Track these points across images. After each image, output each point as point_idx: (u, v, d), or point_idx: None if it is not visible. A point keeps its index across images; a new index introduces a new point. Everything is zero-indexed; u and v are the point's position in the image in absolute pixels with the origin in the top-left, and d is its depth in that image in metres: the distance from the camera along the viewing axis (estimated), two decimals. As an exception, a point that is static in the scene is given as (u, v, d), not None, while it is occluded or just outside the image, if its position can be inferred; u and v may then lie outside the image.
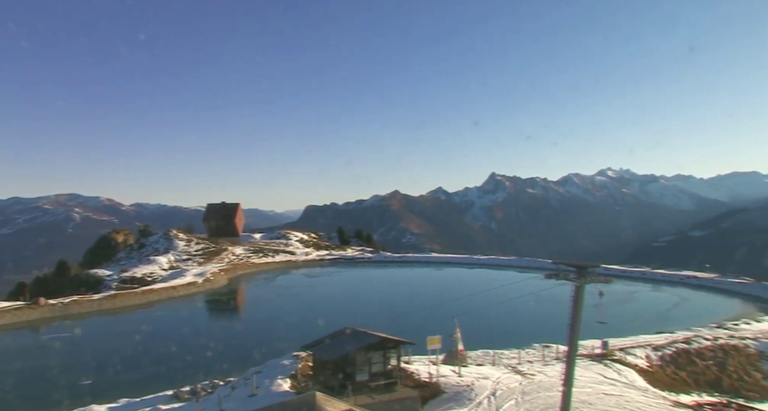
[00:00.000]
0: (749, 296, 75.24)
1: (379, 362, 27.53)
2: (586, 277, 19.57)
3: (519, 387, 30.27)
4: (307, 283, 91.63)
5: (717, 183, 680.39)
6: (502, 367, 35.81)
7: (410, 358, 33.99)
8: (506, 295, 47.12)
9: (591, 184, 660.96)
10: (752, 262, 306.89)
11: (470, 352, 38.56)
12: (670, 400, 32.30)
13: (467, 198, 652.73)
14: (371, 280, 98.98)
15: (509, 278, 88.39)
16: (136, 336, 49.89)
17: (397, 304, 65.39)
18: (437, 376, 30.56)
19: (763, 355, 42.90)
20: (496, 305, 40.36)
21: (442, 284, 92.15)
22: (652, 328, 50.52)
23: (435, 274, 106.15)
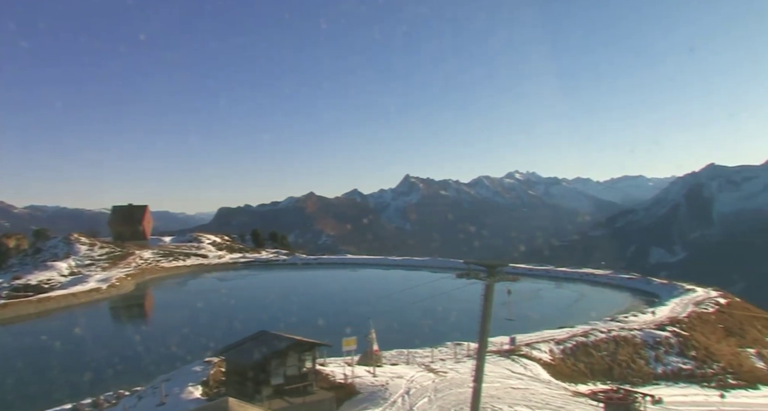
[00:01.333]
0: (637, 290, 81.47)
1: (294, 365, 27.35)
2: (495, 276, 20.31)
3: (432, 385, 31.08)
4: (220, 286, 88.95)
5: (611, 186, 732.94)
6: (416, 365, 36.59)
7: (326, 359, 33.97)
8: (420, 295, 48.28)
9: (500, 186, 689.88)
10: (640, 258, 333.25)
11: (385, 352, 39.09)
12: (571, 391, 34.44)
13: (382, 200, 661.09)
14: (286, 282, 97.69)
15: (423, 278, 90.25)
16: (30, 348, 46.26)
17: (313, 307, 65.09)
18: (352, 376, 30.76)
19: (646, 343, 46.72)
20: (411, 305, 41.26)
21: (358, 286, 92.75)
22: (556, 323, 53.31)
23: (351, 276, 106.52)
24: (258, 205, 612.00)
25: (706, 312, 58.24)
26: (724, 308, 61.21)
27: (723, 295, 69.25)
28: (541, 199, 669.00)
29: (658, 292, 76.67)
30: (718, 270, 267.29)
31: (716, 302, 63.47)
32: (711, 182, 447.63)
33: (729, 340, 52.06)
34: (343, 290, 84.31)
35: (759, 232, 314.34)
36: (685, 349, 47.05)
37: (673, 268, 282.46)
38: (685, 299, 65.14)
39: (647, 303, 68.36)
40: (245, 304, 72.82)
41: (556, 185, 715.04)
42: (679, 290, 73.16)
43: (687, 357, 46.03)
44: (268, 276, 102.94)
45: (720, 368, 44.88)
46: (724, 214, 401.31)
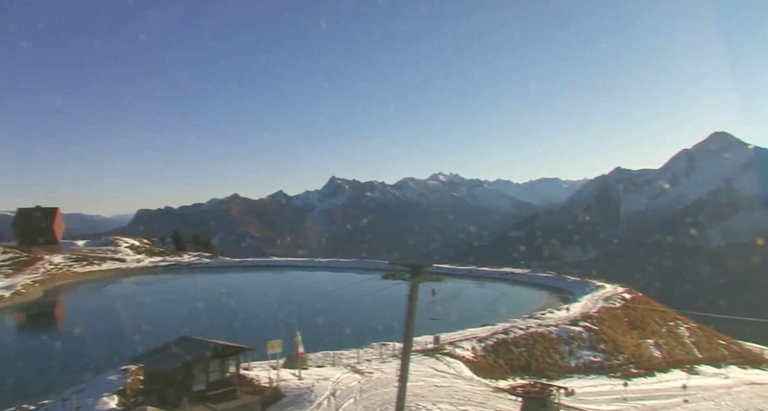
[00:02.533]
0: (553, 288, 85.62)
1: (217, 370, 26.80)
2: (420, 276, 20.83)
3: (358, 385, 31.35)
4: (139, 291, 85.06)
5: (529, 187, 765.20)
6: (341, 367, 36.73)
7: (250, 364, 33.42)
8: (347, 297, 48.42)
9: (425, 188, 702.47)
10: (556, 257, 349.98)
11: (311, 354, 38.96)
12: (492, 387, 35.78)
13: (308, 201, 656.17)
14: (210, 286, 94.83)
15: (349, 280, 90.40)
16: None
17: (238, 310, 63.53)
18: (278, 380, 30.47)
19: (561, 338, 49.33)
20: (337, 307, 41.32)
21: (284, 288, 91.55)
22: (478, 321, 55.02)
23: (276, 278, 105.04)
24: (179, 207, 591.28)
25: (613, 307, 62.13)
26: (629, 303, 65.59)
27: (628, 290, 74.08)
28: (464, 200, 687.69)
29: (572, 289, 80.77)
30: (624, 267, 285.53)
31: (622, 297, 67.84)
32: (618, 185, 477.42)
33: (632, 332, 55.85)
34: (268, 293, 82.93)
35: (658, 231, 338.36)
36: (596, 342, 50.02)
37: (586, 266, 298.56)
38: (595, 295, 69.10)
39: (562, 300, 71.78)
40: (166, 309, 70.03)
41: (478, 187, 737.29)
42: (591, 287, 77.42)
43: (597, 350, 48.96)
44: (191, 280, 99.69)
45: (624, 359, 48.15)
46: (630, 214, 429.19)
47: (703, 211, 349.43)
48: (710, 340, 61.19)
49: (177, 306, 72.82)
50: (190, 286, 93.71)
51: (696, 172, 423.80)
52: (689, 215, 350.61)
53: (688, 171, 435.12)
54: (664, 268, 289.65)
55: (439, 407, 28.80)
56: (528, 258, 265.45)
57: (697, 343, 58.57)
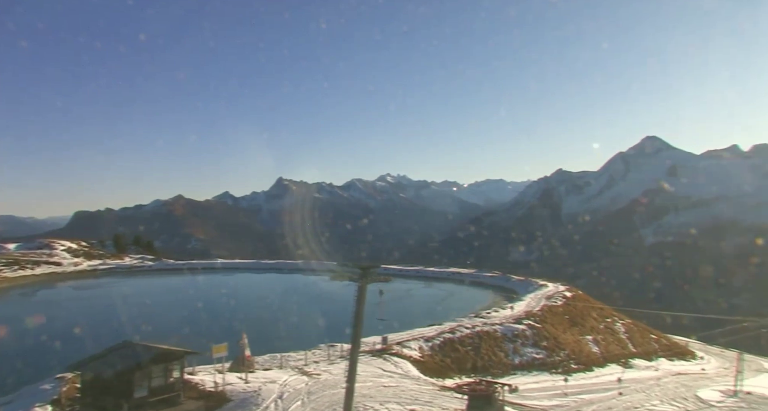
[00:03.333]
0: (498, 287, 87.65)
1: (160, 376, 26.14)
2: (368, 277, 21.00)
3: (305, 387, 31.21)
4: (77, 296, 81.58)
5: (475, 189, 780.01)
6: (289, 369, 36.45)
7: (195, 368, 32.70)
8: (294, 298, 48.02)
9: (373, 189, 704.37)
10: (501, 256, 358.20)
11: (258, 357, 38.48)
12: (438, 385, 36.35)
13: (255, 202, 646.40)
14: (153, 289, 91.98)
15: (297, 281, 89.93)
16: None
17: (182, 314, 61.92)
18: (223, 384, 29.96)
19: (506, 337, 50.67)
20: (285, 308, 40.95)
21: (230, 290, 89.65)
22: (425, 321, 55.66)
23: (223, 281, 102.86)
24: (120, 209, 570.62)
25: (555, 305, 64.25)
26: (569, 301, 67.99)
27: (569, 289, 76.79)
28: (412, 201, 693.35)
29: (516, 288, 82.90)
30: (566, 265, 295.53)
31: (564, 296, 70.25)
32: (560, 186, 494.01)
33: (573, 329, 57.95)
34: (214, 295, 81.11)
35: (597, 231, 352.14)
36: (538, 340, 51.61)
37: (529, 265, 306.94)
38: (538, 294, 71.22)
39: (507, 299, 73.54)
40: (106, 314, 67.21)
41: (426, 188, 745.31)
42: (534, 286, 79.73)
43: (540, 347, 50.53)
44: (132, 283, 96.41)
45: (565, 355, 49.94)
46: (570, 214, 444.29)
47: (638, 211, 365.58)
48: (643, 335, 64.28)
49: (117, 310, 70.11)
50: (132, 289, 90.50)
51: (631, 174, 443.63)
52: (625, 215, 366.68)
53: (624, 173, 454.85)
54: (603, 265, 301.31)
55: (387, 407, 29.05)
56: (474, 258, 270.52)
57: (631, 338, 61.40)
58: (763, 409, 34.57)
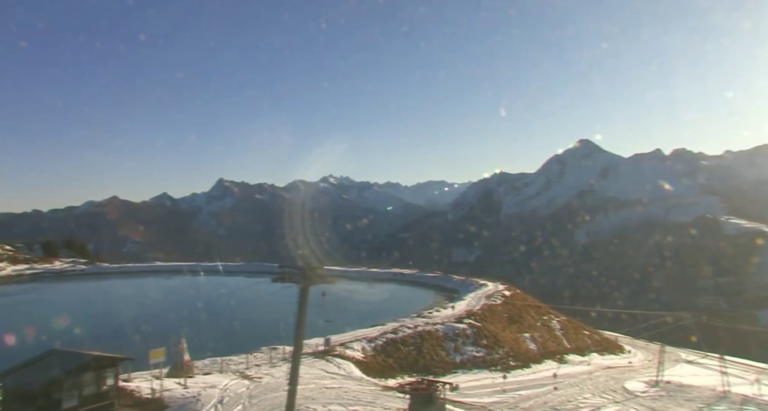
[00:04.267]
0: (440, 287, 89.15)
1: (92, 384, 25.14)
2: (310, 278, 20.93)
3: (247, 391, 30.80)
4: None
5: (417, 190, 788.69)
6: (230, 373, 35.84)
7: (130, 375, 31.61)
8: (235, 301, 47.15)
9: (315, 190, 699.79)
10: (443, 257, 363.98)
11: (197, 362, 37.60)
12: (381, 386, 36.68)
13: (195, 204, 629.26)
14: (86, 294, 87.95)
15: (238, 284, 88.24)
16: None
17: (117, 319, 59.47)
18: (161, 390, 29.11)
19: (447, 336, 51.71)
20: (226, 311, 40.17)
21: (169, 294, 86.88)
22: (368, 322, 55.91)
23: (160, 284, 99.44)
24: (50, 211, 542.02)
25: (495, 304, 66.03)
26: (508, 300, 70.06)
27: (508, 288, 79.07)
28: (355, 202, 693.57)
29: (457, 287, 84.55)
30: (505, 265, 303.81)
31: (503, 295, 72.29)
32: (499, 187, 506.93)
33: (511, 327, 59.78)
34: (151, 299, 78.36)
35: (535, 231, 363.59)
36: (479, 338, 52.91)
37: (471, 265, 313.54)
38: (479, 293, 72.95)
39: (448, 298, 74.90)
40: (33, 321, 63.61)
41: (369, 189, 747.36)
42: (475, 285, 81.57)
43: (480, 345, 51.82)
44: (63, 288, 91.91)
45: (504, 353, 51.47)
46: (510, 215, 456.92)
47: (572, 212, 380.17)
48: (577, 331, 67.08)
49: (45, 317, 66.52)
50: (62, 295, 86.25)
51: (566, 176, 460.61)
52: (561, 216, 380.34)
53: (560, 175, 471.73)
54: (541, 265, 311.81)
55: (329, 409, 29.08)
56: (416, 258, 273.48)
57: (566, 335, 63.97)
58: (679, 395, 36.90)
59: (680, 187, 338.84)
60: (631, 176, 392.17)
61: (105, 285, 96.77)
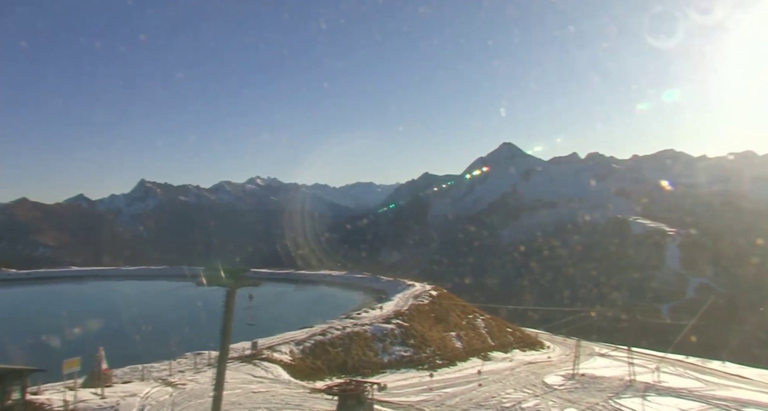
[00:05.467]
0: (369, 288, 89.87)
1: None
2: (236, 281, 20.65)
3: (169, 399, 29.86)
4: None
5: (345, 191, 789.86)
6: (152, 380, 34.55)
7: (41, 387, 29.75)
8: (159, 306, 45.48)
9: (242, 192, 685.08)
10: (372, 258, 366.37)
11: (116, 370, 35.98)
12: (309, 388, 36.56)
13: (114, 206, 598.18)
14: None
15: (161, 288, 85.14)
16: None
17: (27, 328, 55.83)
18: (75, 402, 27.62)
19: (375, 336, 52.24)
20: (148, 318, 38.66)
21: (85, 300, 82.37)
22: (297, 324, 55.55)
23: (76, 290, 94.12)
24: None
25: (422, 304, 67.30)
26: (435, 299, 71.59)
27: (435, 288, 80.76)
28: (283, 204, 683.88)
29: (385, 288, 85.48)
30: (433, 265, 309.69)
31: (430, 295, 73.78)
32: (427, 189, 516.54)
33: (438, 326, 61.14)
34: (65, 306, 73.88)
35: (461, 232, 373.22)
36: (406, 338, 53.76)
37: (398, 266, 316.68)
38: (406, 294, 74.08)
39: (377, 299, 75.64)
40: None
41: (297, 191, 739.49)
42: (402, 286, 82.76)
43: (407, 345, 52.68)
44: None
45: (431, 352, 52.59)
46: (437, 216, 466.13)
47: (496, 212, 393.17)
48: (500, 329, 69.56)
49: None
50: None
51: (490, 178, 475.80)
52: (485, 217, 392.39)
53: (484, 177, 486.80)
54: (467, 265, 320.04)
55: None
56: (345, 260, 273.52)
57: (490, 333, 66.19)
58: (592, 386, 39.20)
59: (594, 189, 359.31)
60: (552, 178, 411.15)
61: (12, 293, 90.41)
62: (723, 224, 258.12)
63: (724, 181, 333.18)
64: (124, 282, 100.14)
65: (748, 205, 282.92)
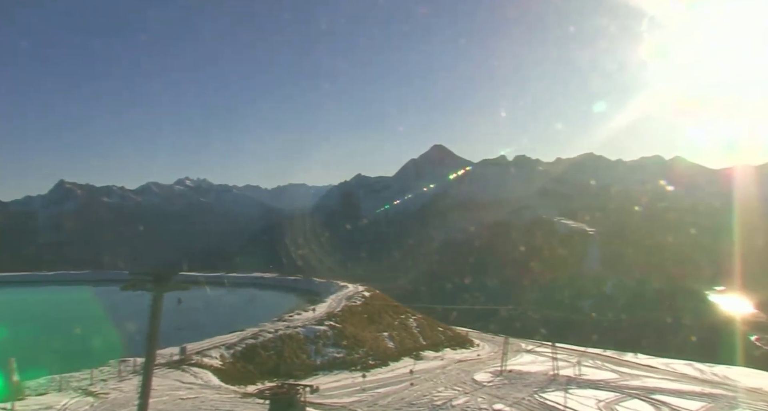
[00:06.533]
0: (301, 290, 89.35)
1: None
2: (164, 285, 19.99)
3: (90, 409, 28.56)
4: None
5: (278, 193, 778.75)
6: (71, 391, 32.83)
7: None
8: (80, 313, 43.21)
9: (171, 193, 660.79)
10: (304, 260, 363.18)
11: (30, 382, 33.87)
12: (240, 393, 35.91)
13: (29, 207, 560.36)
14: None
15: (83, 293, 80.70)
16: None
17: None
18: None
19: (308, 338, 52.04)
20: (68, 325, 36.62)
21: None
22: (228, 328, 54.33)
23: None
24: None
25: (355, 305, 67.62)
26: (368, 300, 72.12)
27: (368, 288, 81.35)
28: (213, 205, 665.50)
29: (318, 290, 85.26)
30: (366, 266, 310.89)
31: (363, 296, 74.23)
32: (359, 190, 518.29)
33: (371, 327, 61.63)
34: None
35: (393, 233, 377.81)
36: (339, 339, 53.83)
37: (332, 268, 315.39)
38: (339, 295, 74.19)
39: (310, 301, 75.24)
40: None
41: (228, 192, 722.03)
42: (335, 287, 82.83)
43: (340, 346, 52.76)
44: None
45: (364, 352, 52.94)
46: (370, 218, 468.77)
47: (428, 214, 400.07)
48: (432, 328, 70.89)
49: None
50: None
51: (422, 180, 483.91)
52: (418, 218, 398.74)
53: (416, 178, 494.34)
54: (399, 265, 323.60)
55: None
56: (278, 262, 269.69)
57: (422, 332, 67.31)
58: (519, 382, 40.78)
59: (520, 190, 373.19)
60: (481, 180, 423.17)
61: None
62: (638, 224, 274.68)
63: (640, 183, 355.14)
64: (43, 288, 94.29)
65: (662, 205, 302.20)
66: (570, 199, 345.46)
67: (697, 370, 51.55)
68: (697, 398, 34.60)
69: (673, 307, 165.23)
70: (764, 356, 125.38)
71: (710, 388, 38.77)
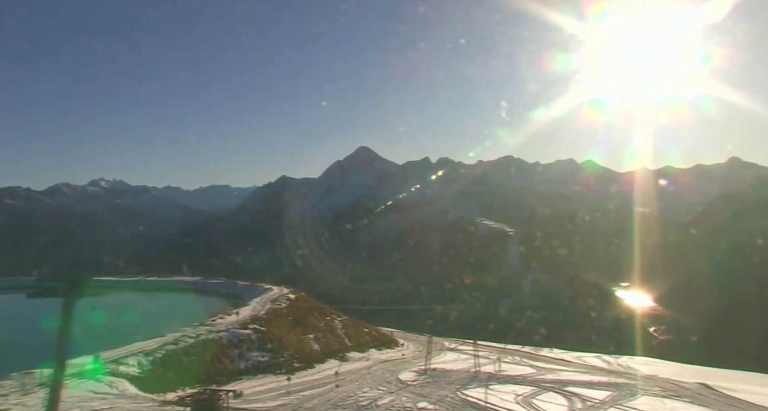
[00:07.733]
0: (225, 293, 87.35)
1: None
2: (76, 291, 19.14)
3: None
4: None
5: (200, 194, 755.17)
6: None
7: None
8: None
9: (83, 195, 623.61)
10: (228, 262, 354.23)
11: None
12: (159, 401, 34.66)
13: None
14: None
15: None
16: None
17: None
18: None
19: (231, 343, 51.00)
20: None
21: None
22: (147, 334, 52.20)
23: None
24: None
25: (280, 307, 66.92)
26: (293, 303, 71.60)
27: (293, 291, 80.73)
28: (131, 207, 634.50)
29: (242, 293, 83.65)
30: (290, 268, 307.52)
31: (288, 298, 73.61)
32: (284, 192, 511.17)
33: (296, 329, 61.21)
34: None
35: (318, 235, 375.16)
36: (264, 342, 53.13)
37: (256, 270, 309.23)
38: (264, 298, 73.13)
39: (233, 304, 73.65)
40: None
41: (146, 193, 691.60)
42: (260, 290, 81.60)
43: (265, 350, 52.08)
44: None
45: (289, 355, 52.56)
46: (295, 219, 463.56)
47: (354, 215, 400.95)
48: (357, 329, 71.43)
49: None
50: None
51: (347, 182, 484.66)
52: (344, 220, 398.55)
53: (342, 180, 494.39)
54: (324, 267, 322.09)
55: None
56: (199, 264, 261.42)
57: (347, 333, 67.65)
58: (442, 380, 42.04)
59: (443, 192, 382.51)
60: (404, 182, 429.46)
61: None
62: (552, 224, 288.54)
63: (557, 184, 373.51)
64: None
65: (573, 206, 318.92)
66: (491, 200, 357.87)
67: (605, 361, 55.38)
68: (604, 388, 37.08)
69: (583, 304, 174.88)
70: (661, 346, 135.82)
71: (615, 378, 41.78)
